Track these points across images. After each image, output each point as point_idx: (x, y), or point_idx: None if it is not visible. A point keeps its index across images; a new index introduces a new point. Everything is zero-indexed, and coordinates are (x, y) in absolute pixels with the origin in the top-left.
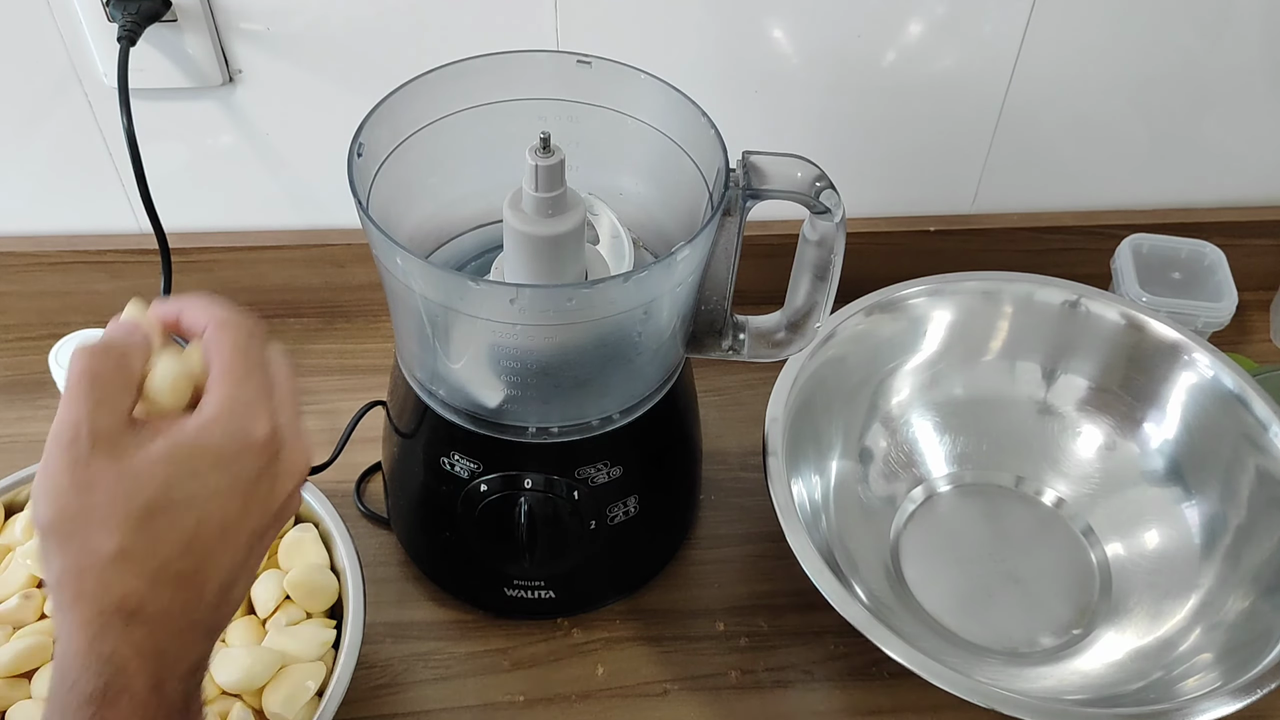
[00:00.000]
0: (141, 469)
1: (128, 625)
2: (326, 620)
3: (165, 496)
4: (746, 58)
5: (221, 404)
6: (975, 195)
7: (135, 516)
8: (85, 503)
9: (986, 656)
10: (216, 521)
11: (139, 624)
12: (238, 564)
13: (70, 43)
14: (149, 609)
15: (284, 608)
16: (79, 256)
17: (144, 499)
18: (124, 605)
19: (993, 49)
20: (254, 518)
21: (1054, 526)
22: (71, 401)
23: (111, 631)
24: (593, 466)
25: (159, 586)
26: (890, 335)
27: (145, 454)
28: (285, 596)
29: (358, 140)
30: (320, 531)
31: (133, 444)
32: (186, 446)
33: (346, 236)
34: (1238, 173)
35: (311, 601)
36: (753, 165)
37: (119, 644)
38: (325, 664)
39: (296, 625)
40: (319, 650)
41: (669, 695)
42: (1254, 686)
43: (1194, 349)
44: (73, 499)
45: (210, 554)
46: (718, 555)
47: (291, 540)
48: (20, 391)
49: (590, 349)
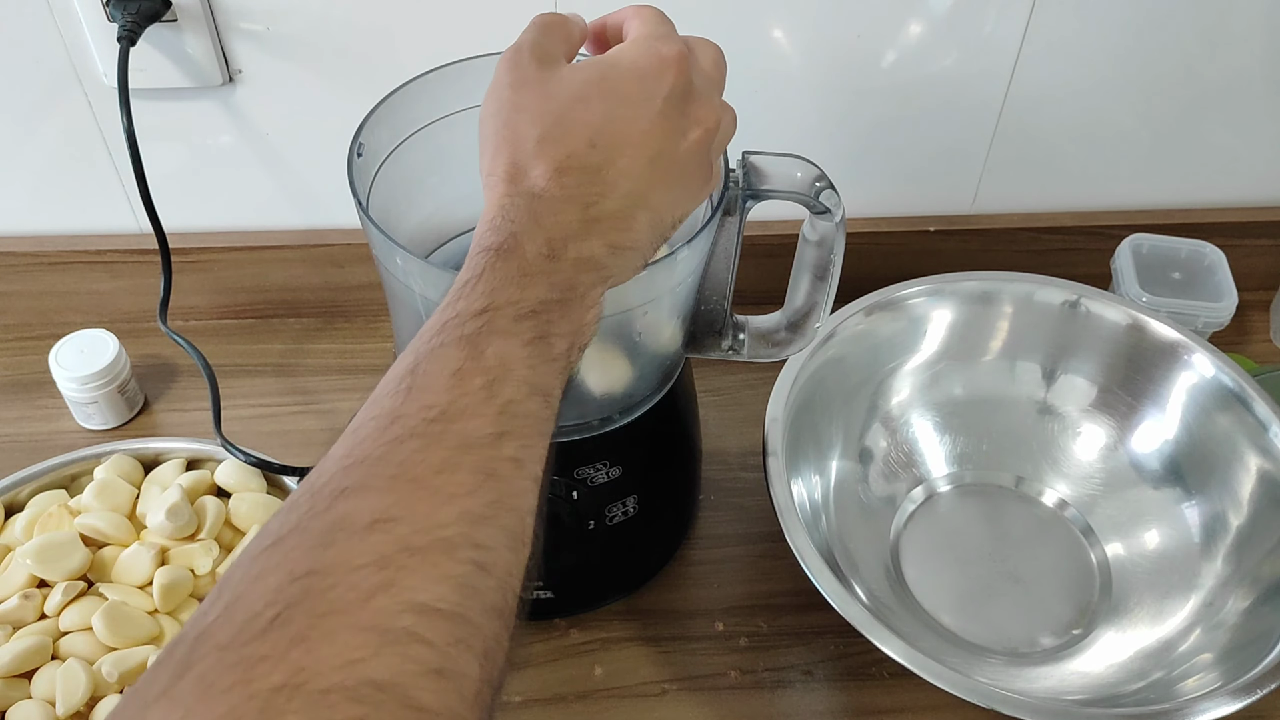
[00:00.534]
0: (566, 75)
1: (531, 200)
2: None
3: (581, 94)
4: (746, 58)
5: (637, 34)
6: (975, 195)
7: (555, 111)
8: (518, 98)
9: (986, 656)
10: (623, 126)
11: (542, 201)
12: (641, 175)
13: (70, 43)
14: (552, 191)
15: None
16: (79, 256)
17: (564, 97)
18: (534, 185)
19: (993, 49)
20: (660, 137)
21: (1054, 526)
22: (522, 34)
23: (519, 202)
24: (592, 466)
25: (565, 173)
26: (890, 335)
27: (572, 68)
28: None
29: (358, 140)
30: None
31: (564, 64)
32: (605, 60)
33: (346, 236)
34: (1238, 173)
35: None
36: (753, 165)
37: (521, 213)
38: None
39: None
40: None
41: (667, 695)
42: (1254, 686)
43: (1194, 349)
44: (508, 95)
45: (614, 154)
46: (717, 555)
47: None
48: (20, 391)
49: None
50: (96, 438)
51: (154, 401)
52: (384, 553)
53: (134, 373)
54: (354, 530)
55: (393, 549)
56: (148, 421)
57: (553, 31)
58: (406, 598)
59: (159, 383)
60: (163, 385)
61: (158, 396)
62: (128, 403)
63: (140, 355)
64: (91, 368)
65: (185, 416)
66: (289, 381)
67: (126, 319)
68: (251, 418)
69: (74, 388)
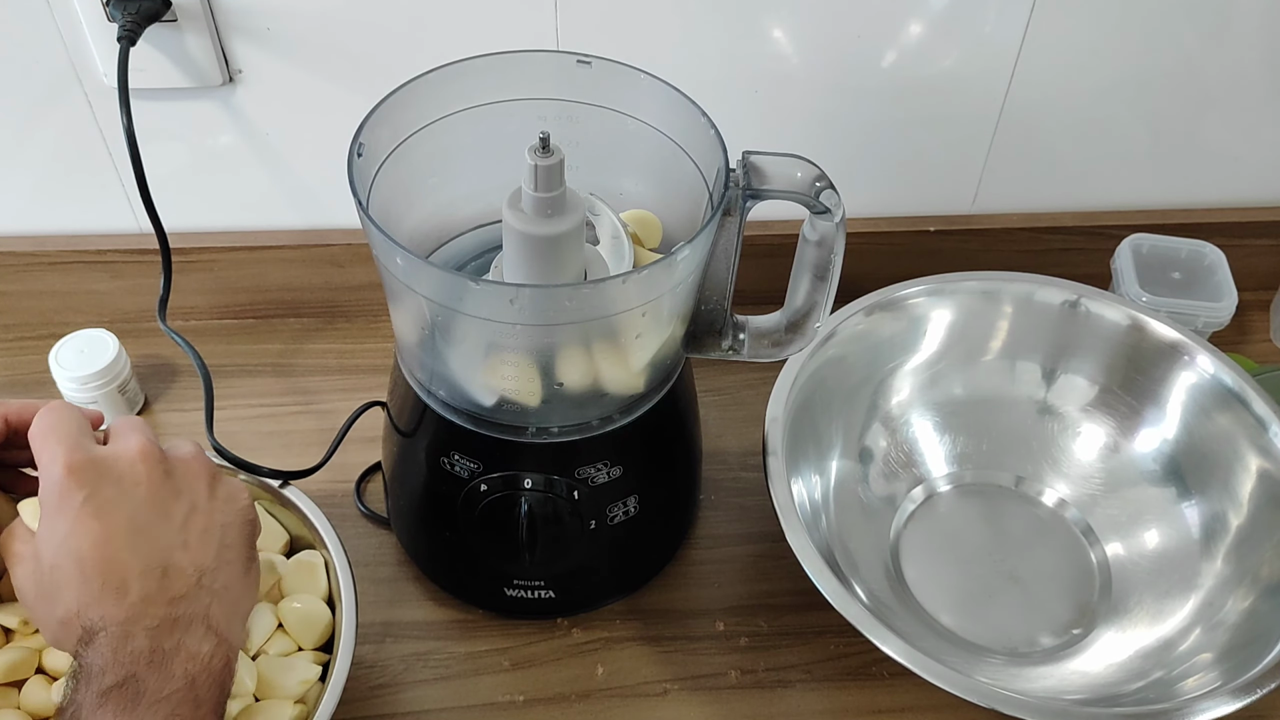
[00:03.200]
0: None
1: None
2: (317, 656)
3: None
4: (746, 58)
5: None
6: (975, 195)
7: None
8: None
9: (986, 656)
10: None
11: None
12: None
13: (70, 43)
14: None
15: (276, 638)
16: (79, 256)
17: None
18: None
19: (993, 49)
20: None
21: (1054, 526)
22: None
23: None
24: (593, 466)
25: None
26: (890, 335)
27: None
28: (279, 625)
29: (358, 140)
30: (314, 538)
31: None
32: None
33: (346, 236)
34: (1238, 173)
35: (303, 634)
36: (753, 165)
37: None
38: (306, 704)
39: (286, 657)
40: (298, 689)
41: (669, 695)
42: (1254, 686)
43: (1194, 349)
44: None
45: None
46: (717, 555)
47: (295, 565)
48: (20, 391)
49: (590, 349)
50: None
51: (154, 401)
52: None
53: (134, 373)
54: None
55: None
56: (147, 422)
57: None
58: None
59: (159, 383)
60: (163, 385)
61: (158, 396)
62: (128, 403)
63: (140, 355)
64: (91, 368)
65: (185, 416)
66: (289, 381)
67: (126, 319)
68: (251, 418)
69: (74, 388)
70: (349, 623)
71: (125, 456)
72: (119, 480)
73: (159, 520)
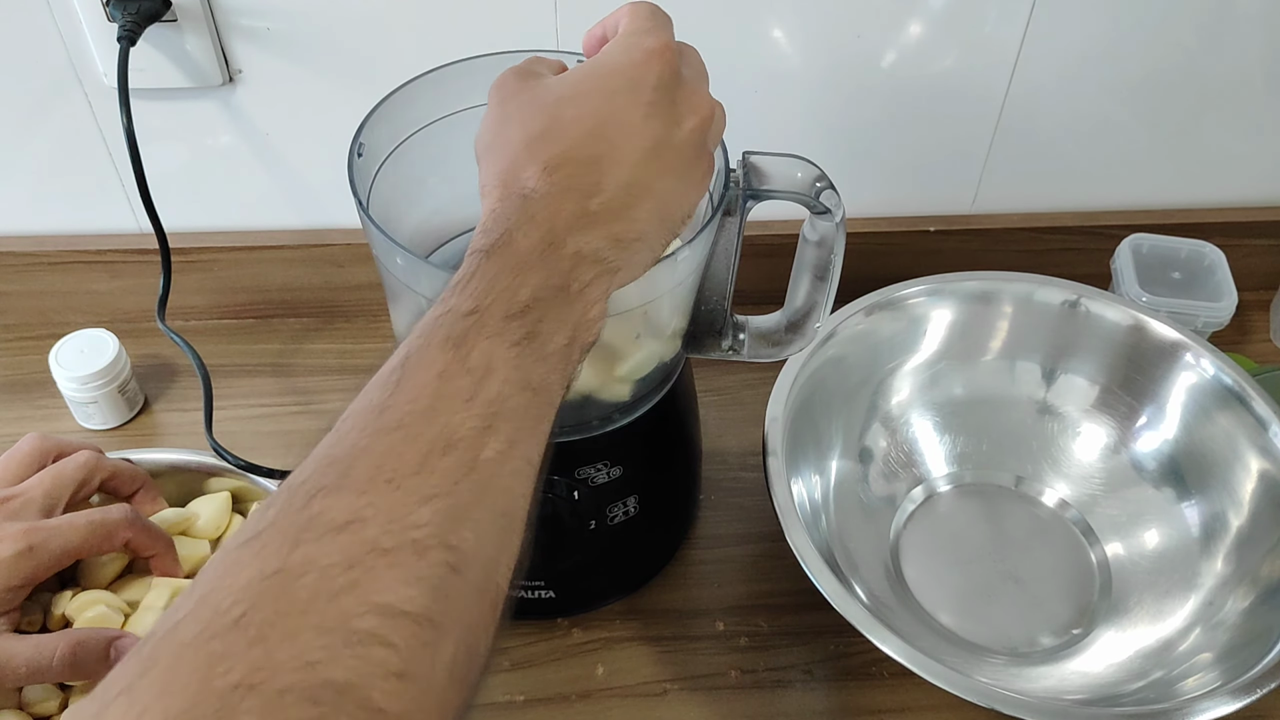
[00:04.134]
0: (551, 82)
1: (525, 200)
2: None
3: (567, 95)
4: (746, 58)
5: (622, 31)
6: (975, 195)
7: (542, 114)
8: (504, 111)
9: (986, 656)
10: (615, 117)
11: (535, 198)
12: (639, 164)
13: (70, 43)
14: (545, 188)
15: None
16: (79, 256)
17: (550, 100)
18: (525, 185)
19: (993, 49)
20: (654, 126)
21: (1054, 526)
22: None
23: (512, 204)
24: (593, 466)
25: (558, 169)
26: (890, 335)
27: (558, 76)
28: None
29: (358, 140)
30: None
31: (549, 76)
32: (590, 62)
33: (346, 236)
34: (1238, 173)
35: None
36: (753, 165)
37: (514, 212)
38: None
39: None
40: None
41: (669, 695)
42: (1254, 686)
43: (1194, 349)
44: (496, 111)
45: (608, 145)
46: (717, 555)
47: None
48: (20, 391)
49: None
50: (97, 438)
51: (154, 401)
52: (352, 553)
53: (134, 373)
54: (325, 530)
55: (361, 550)
56: (148, 421)
57: (534, 61)
58: (372, 599)
59: (159, 382)
60: (163, 385)
61: (158, 396)
62: (128, 403)
63: (140, 355)
64: (91, 368)
65: (185, 417)
66: (288, 381)
67: (126, 319)
68: (251, 418)
69: (74, 388)
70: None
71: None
72: (668, 84)
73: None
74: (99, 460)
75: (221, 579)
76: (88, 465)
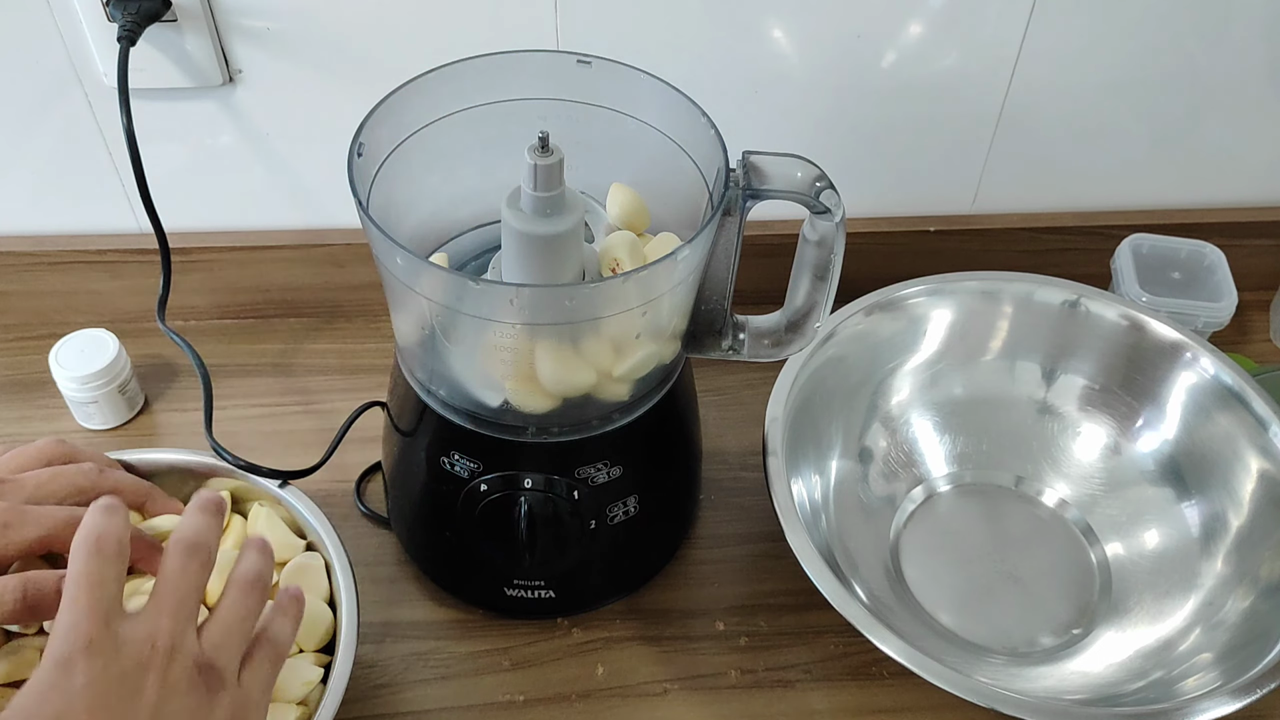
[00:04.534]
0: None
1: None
2: (318, 657)
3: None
4: (746, 58)
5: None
6: (975, 195)
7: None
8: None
9: (986, 656)
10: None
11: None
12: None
13: (70, 43)
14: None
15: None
16: (79, 256)
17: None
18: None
19: (993, 49)
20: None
21: (1054, 526)
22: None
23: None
24: (593, 466)
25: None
26: (890, 335)
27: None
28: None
29: (358, 140)
30: (312, 544)
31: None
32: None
33: (346, 236)
34: (1238, 173)
35: (305, 636)
36: (753, 165)
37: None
38: (308, 706)
39: (288, 659)
40: (300, 690)
41: (669, 695)
42: (1254, 686)
43: (1194, 349)
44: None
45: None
46: (717, 555)
47: (295, 567)
48: (20, 391)
49: (587, 349)
50: (97, 438)
51: (154, 401)
52: None
53: (134, 372)
54: None
55: None
56: (148, 421)
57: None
58: None
59: (159, 382)
60: (163, 385)
61: (158, 396)
62: (128, 403)
63: (140, 355)
64: (91, 368)
65: (185, 417)
66: (289, 381)
67: (126, 319)
68: (251, 418)
69: (74, 388)
70: (349, 624)
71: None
72: (124, 679)
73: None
74: (101, 472)
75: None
76: (88, 474)
